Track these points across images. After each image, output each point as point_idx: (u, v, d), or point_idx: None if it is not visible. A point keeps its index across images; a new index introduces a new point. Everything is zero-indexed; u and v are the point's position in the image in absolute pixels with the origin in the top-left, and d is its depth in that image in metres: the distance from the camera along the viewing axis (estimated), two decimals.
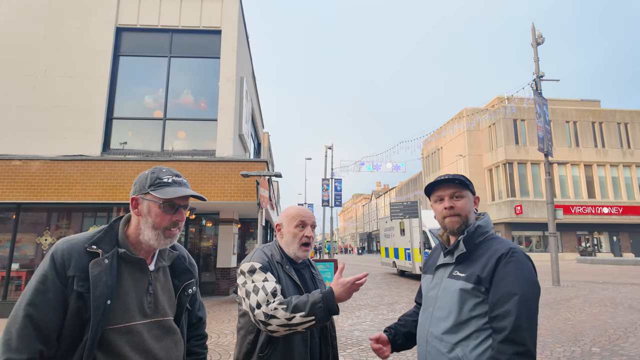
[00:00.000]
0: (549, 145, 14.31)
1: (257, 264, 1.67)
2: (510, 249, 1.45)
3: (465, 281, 1.46)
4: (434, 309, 1.54)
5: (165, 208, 1.33)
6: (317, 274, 1.92)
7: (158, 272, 1.40)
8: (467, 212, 1.57)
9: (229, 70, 10.72)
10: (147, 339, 1.28)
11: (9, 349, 1.12)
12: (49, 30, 10.58)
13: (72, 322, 1.20)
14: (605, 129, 32.82)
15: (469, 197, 1.60)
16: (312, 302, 1.51)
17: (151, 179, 1.36)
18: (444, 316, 1.49)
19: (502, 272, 1.41)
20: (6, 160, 9.32)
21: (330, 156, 25.09)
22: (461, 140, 35.56)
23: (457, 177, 1.58)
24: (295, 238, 1.76)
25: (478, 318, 1.43)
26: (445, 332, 1.46)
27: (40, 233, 9.57)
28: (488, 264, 1.44)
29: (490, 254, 1.47)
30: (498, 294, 1.38)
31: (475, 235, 1.54)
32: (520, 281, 1.38)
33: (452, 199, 1.57)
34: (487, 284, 1.42)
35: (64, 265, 1.22)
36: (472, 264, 1.49)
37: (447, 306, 1.49)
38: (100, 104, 10.26)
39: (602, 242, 32.36)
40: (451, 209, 1.56)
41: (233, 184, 9.51)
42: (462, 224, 1.55)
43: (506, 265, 1.42)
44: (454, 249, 1.56)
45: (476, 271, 1.46)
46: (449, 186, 1.59)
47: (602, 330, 6.50)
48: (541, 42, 14.64)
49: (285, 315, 1.50)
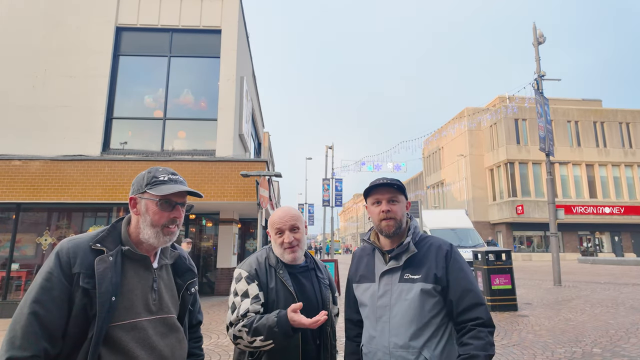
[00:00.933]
0: (551, 145, 14.27)
1: (244, 273, 1.70)
2: (450, 245, 1.58)
3: (424, 282, 1.51)
4: (391, 318, 1.53)
5: (162, 205, 1.35)
6: (325, 277, 1.87)
7: (161, 270, 1.42)
8: (402, 216, 1.63)
9: (229, 70, 10.71)
10: (152, 335, 1.29)
11: (12, 347, 1.12)
12: (49, 30, 10.58)
13: (78, 319, 1.20)
14: (607, 128, 32.73)
15: (403, 201, 1.66)
16: (269, 326, 1.51)
17: (148, 178, 1.39)
18: (406, 322, 1.49)
19: (455, 268, 1.53)
20: (6, 160, 9.31)
21: (331, 156, 25.08)
22: (462, 140, 35.49)
23: (395, 182, 1.62)
24: (277, 244, 1.76)
25: (436, 317, 1.50)
26: (410, 339, 1.48)
27: (40, 233, 9.56)
28: (439, 262, 1.53)
29: (434, 252, 1.56)
30: (459, 290, 1.49)
31: (414, 236, 1.63)
32: (469, 274, 1.54)
33: (389, 203, 1.62)
34: (444, 282, 1.51)
35: (69, 262, 1.23)
36: (421, 264, 1.54)
37: (407, 311, 1.50)
38: (100, 104, 10.25)
39: (604, 242, 32.27)
40: (388, 212, 1.60)
41: (233, 184, 9.49)
42: (397, 227, 1.61)
43: (455, 262, 1.54)
44: (403, 252, 1.58)
45: (432, 270, 1.52)
46: (388, 190, 1.63)
47: (604, 331, 6.46)
48: (542, 41, 14.58)
49: (247, 338, 1.54)
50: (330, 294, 1.83)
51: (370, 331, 1.59)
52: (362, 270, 1.71)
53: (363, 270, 1.70)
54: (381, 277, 1.61)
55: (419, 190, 49.16)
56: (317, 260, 1.91)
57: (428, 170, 45.12)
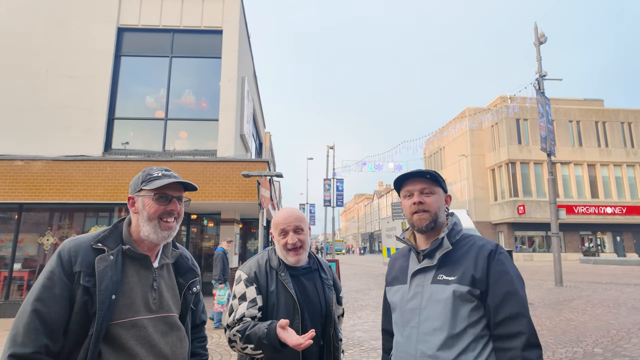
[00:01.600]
0: (552, 145, 14.25)
1: (244, 275, 1.69)
2: (496, 245, 1.38)
3: (459, 283, 1.31)
4: (420, 323, 1.36)
5: (158, 200, 1.38)
6: (329, 277, 1.84)
7: (162, 270, 1.44)
8: (437, 210, 1.45)
9: (230, 70, 10.72)
10: (152, 333, 1.30)
11: (14, 344, 1.15)
12: (50, 31, 10.61)
13: (78, 317, 1.22)
14: (609, 128, 32.66)
15: (440, 194, 1.49)
16: (259, 336, 1.50)
17: (142, 177, 1.43)
18: (435, 329, 1.31)
19: (498, 271, 1.31)
20: (8, 160, 9.34)
21: (332, 156, 25.08)
22: (463, 140, 35.45)
23: (428, 172, 1.47)
24: (280, 245, 1.74)
25: (474, 325, 1.30)
26: (439, 349, 1.29)
27: (42, 233, 9.59)
28: (479, 263, 1.33)
29: (476, 251, 1.36)
30: (499, 296, 1.28)
31: (453, 233, 1.44)
32: (515, 279, 1.31)
33: (421, 195, 1.46)
34: (483, 286, 1.31)
35: (70, 261, 1.26)
36: (458, 264, 1.36)
37: (437, 317, 1.32)
38: (101, 104, 10.27)
39: (606, 242, 32.20)
40: (420, 204, 1.45)
41: (234, 184, 9.51)
42: (431, 221, 1.44)
43: (498, 263, 1.33)
44: (436, 248, 1.41)
45: (469, 271, 1.32)
46: (419, 181, 1.48)
47: (605, 331, 6.45)
48: (544, 41, 14.56)
49: (240, 344, 1.56)
50: (334, 295, 1.81)
51: (398, 337, 1.45)
52: (395, 272, 1.56)
53: (396, 272, 1.56)
54: (412, 278, 1.45)
55: None
56: (321, 261, 1.88)
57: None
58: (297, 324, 1.62)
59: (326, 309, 1.73)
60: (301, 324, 1.63)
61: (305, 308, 1.67)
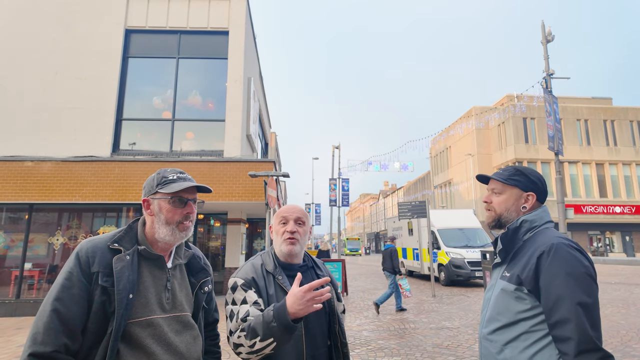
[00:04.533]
0: (560, 143, 14.14)
1: (240, 280, 1.60)
2: (551, 245, 1.34)
3: (508, 282, 1.42)
4: (488, 310, 1.52)
5: (174, 203, 1.40)
6: (325, 274, 1.80)
7: (175, 270, 1.46)
8: (503, 210, 1.53)
9: (236, 71, 10.78)
10: (167, 332, 1.33)
11: (34, 343, 1.17)
12: (59, 33, 10.74)
13: (97, 316, 1.25)
14: (617, 127, 32.30)
15: (513, 194, 1.52)
16: (265, 322, 1.37)
17: (158, 179, 1.44)
18: (494, 317, 1.46)
19: (548, 274, 1.30)
20: (19, 161, 9.48)
21: (338, 156, 25.07)
22: (470, 139, 35.26)
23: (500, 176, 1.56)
24: (278, 234, 1.69)
25: (526, 320, 1.36)
26: (492, 333, 1.45)
27: (52, 233, 9.71)
28: (529, 264, 1.37)
29: (531, 251, 1.39)
30: (550, 299, 1.29)
31: (522, 231, 1.47)
32: (568, 281, 1.27)
33: (492, 194, 1.57)
34: (530, 285, 1.34)
35: (88, 262, 1.28)
36: (518, 262, 1.43)
37: (496, 307, 1.46)
38: (109, 105, 10.38)
39: (614, 242, 31.85)
40: (486, 203, 1.57)
41: (241, 184, 9.56)
42: (493, 220, 1.55)
43: (550, 265, 1.31)
44: (495, 246, 1.53)
45: (517, 271, 1.40)
46: (493, 181, 1.59)
47: (614, 332, 6.40)
48: (551, 39, 14.45)
49: (247, 342, 1.41)
50: (333, 292, 1.77)
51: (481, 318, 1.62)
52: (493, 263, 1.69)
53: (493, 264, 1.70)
54: (492, 271, 1.60)
55: (426, 190, 48.94)
56: (315, 259, 1.85)
57: (435, 169, 44.89)
58: (300, 329, 1.55)
59: (329, 307, 1.70)
60: (304, 327, 1.57)
61: None
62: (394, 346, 5.84)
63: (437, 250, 14.60)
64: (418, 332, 6.70)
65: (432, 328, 7.01)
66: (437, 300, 10.40)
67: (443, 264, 14.02)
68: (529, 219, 1.47)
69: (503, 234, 1.49)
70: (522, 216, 1.48)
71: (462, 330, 6.83)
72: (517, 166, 1.57)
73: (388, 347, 5.81)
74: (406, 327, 7.10)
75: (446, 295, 11.36)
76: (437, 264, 14.52)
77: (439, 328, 7.00)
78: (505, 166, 31.71)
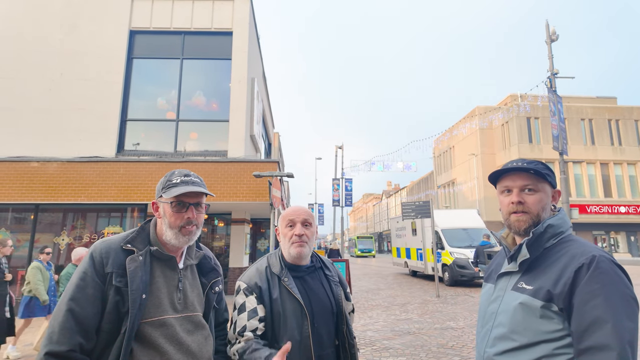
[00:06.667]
0: (564, 143, 14.08)
1: (243, 284, 1.64)
2: (592, 258, 1.12)
3: (532, 296, 1.17)
4: (493, 327, 1.27)
5: (175, 207, 1.41)
6: (334, 275, 1.80)
7: (186, 270, 1.48)
8: (540, 210, 1.26)
9: (240, 72, 10.80)
10: (179, 332, 1.35)
11: (50, 342, 1.19)
12: (65, 34, 10.81)
13: (111, 316, 1.26)
14: (622, 126, 32.10)
15: (546, 191, 1.28)
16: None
17: (163, 183, 1.46)
18: (504, 335, 1.21)
19: (587, 291, 1.08)
20: (25, 162, 9.55)
21: (341, 156, 25.06)
22: (473, 139, 35.15)
23: (532, 167, 1.26)
24: (286, 238, 1.70)
25: (549, 342, 1.13)
26: (503, 354, 1.20)
27: (58, 233, 9.78)
28: (563, 277, 1.13)
29: (565, 262, 1.16)
30: (585, 321, 1.06)
31: (546, 237, 1.24)
32: (612, 302, 1.06)
33: (522, 192, 1.27)
34: (563, 303, 1.12)
35: (102, 262, 1.30)
36: (542, 273, 1.19)
37: (508, 324, 1.21)
38: (114, 106, 10.44)
39: (619, 242, 31.65)
40: (519, 204, 1.26)
41: (245, 184, 9.58)
42: (531, 224, 1.25)
43: (591, 281, 1.09)
44: (517, 253, 1.26)
45: (546, 285, 1.15)
46: (521, 176, 1.27)
47: None
48: (555, 39, 14.39)
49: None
50: (342, 291, 1.77)
51: (477, 336, 1.38)
52: (491, 270, 1.45)
53: (491, 270, 1.44)
54: (498, 280, 1.34)
55: (430, 190, 48.84)
56: (323, 259, 1.85)
57: (439, 169, 44.79)
58: (307, 329, 1.57)
59: (336, 307, 1.69)
60: (311, 328, 1.57)
61: (314, 309, 1.62)
62: (398, 346, 5.84)
63: (440, 251, 14.57)
64: (423, 333, 6.69)
65: (436, 328, 7.01)
66: (441, 300, 10.38)
67: (447, 264, 13.99)
68: (554, 223, 1.25)
69: (529, 239, 1.23)
70: (547, 220, 1.25)
71: (466, 330, 6.82)
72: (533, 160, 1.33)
73: (393, 347, 5.81)
74: (410, 328, 7.09)
75: (450, 295, 11.34)
76: (441, 264, 14.50)
77: (443, 328, 6.99)
78: None
